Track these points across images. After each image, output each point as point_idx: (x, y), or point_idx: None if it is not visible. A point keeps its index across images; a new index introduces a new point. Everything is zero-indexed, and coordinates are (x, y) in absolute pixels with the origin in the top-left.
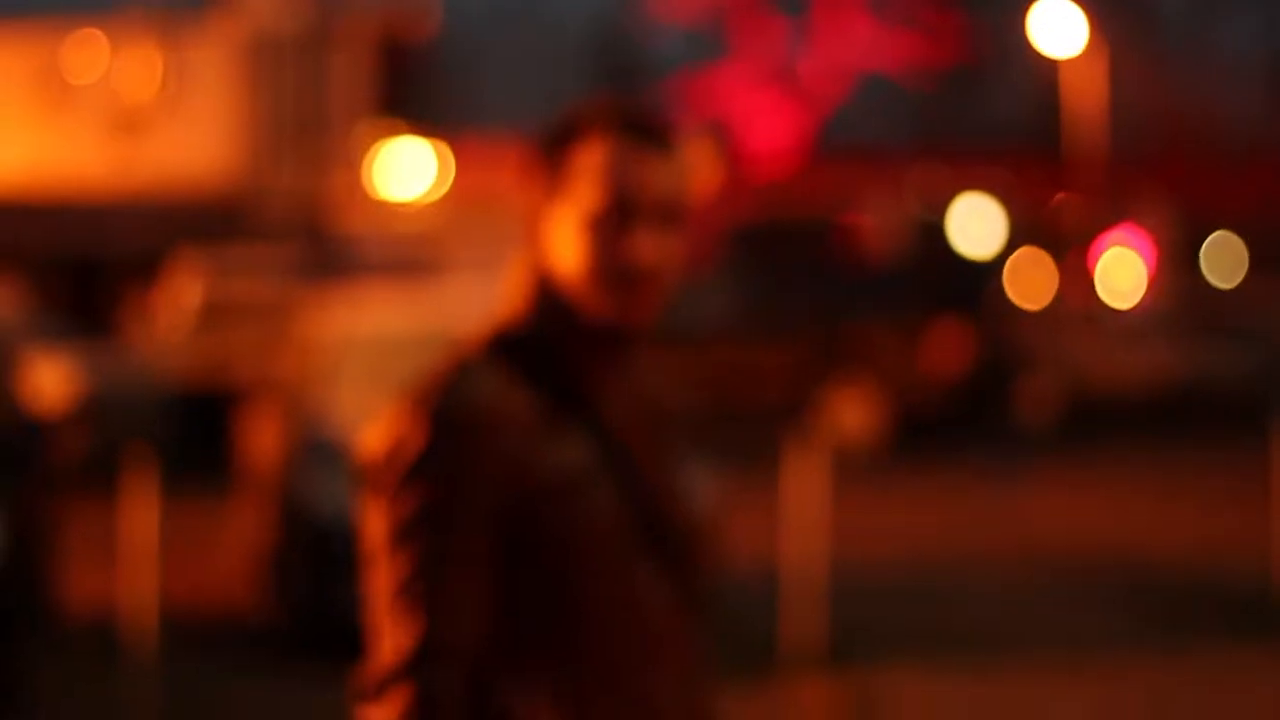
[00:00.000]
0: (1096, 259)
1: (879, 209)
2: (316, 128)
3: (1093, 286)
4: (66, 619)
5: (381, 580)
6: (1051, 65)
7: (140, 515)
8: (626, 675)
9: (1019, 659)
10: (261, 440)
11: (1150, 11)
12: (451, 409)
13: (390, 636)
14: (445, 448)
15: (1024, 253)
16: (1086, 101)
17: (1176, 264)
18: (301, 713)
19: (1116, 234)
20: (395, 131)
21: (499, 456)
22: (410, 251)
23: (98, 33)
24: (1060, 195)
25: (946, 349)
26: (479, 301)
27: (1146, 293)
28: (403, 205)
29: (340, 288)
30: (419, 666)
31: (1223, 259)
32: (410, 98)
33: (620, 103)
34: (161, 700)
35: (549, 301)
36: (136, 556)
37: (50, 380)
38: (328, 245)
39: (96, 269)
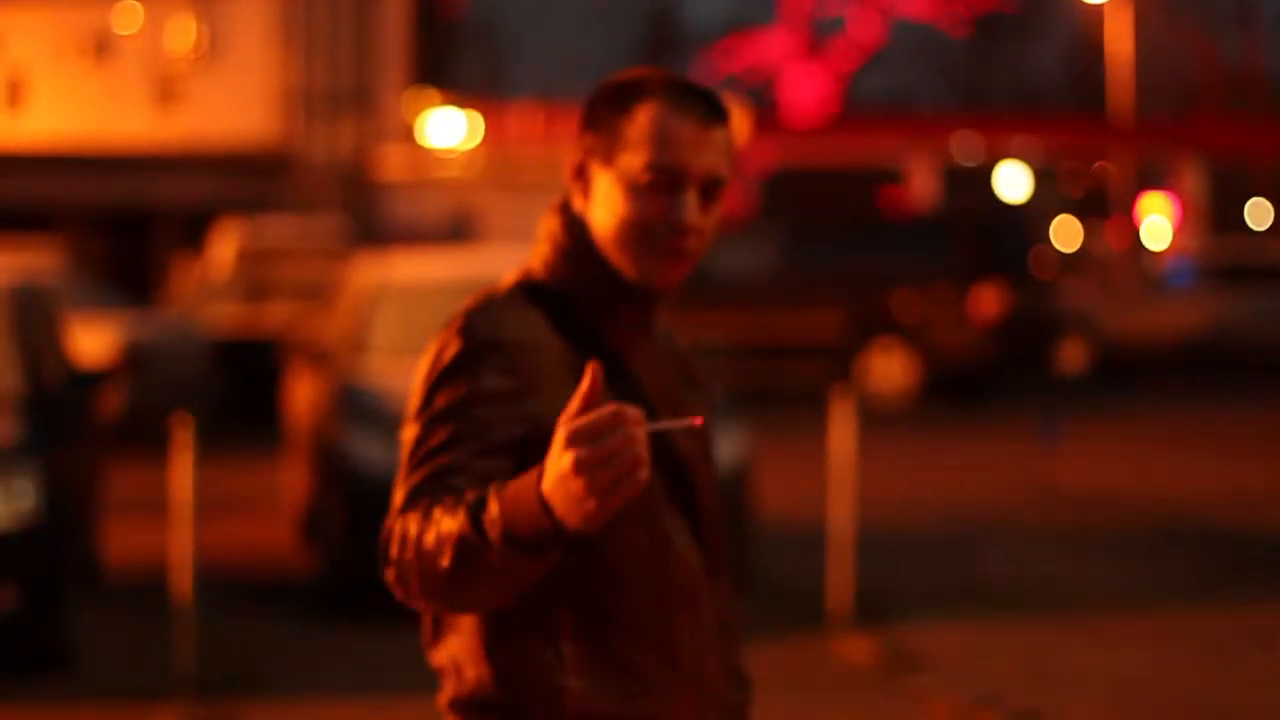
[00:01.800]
0: (1134, 218)
1: (920, 161)
2: (356, 83)
3: (1131, 244)
4: (108, 574)
5: (403, 470)
6: (1088, 18)
7: (180, 471)
8: (648, 620)
9: (1058, 611)
10: (301, 394)
11: None
12: (482, 328)
13: (398, 498)
14: (476, 357)
15: (1063, 216)
16: (1120, 56)
17: (1211, 217)
18: (339, 664)
19: (1153, 194)
20: (433, 89)
21: (528, 372)
22: (446, 215)
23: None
24: (1100, 163)
25: (986, 303)
26: (513, 259)
27: (1179, 243)
28: (441, 158)
29: (377, 251)
30: (409, 506)
31: (1256, 214)
32: (446, 54)
33: (673, 73)
34: (201, 653)
35: (584, 257)
36: (177, 512)
37: (92, 338)
38: (367, 212)
39: (138, 227)
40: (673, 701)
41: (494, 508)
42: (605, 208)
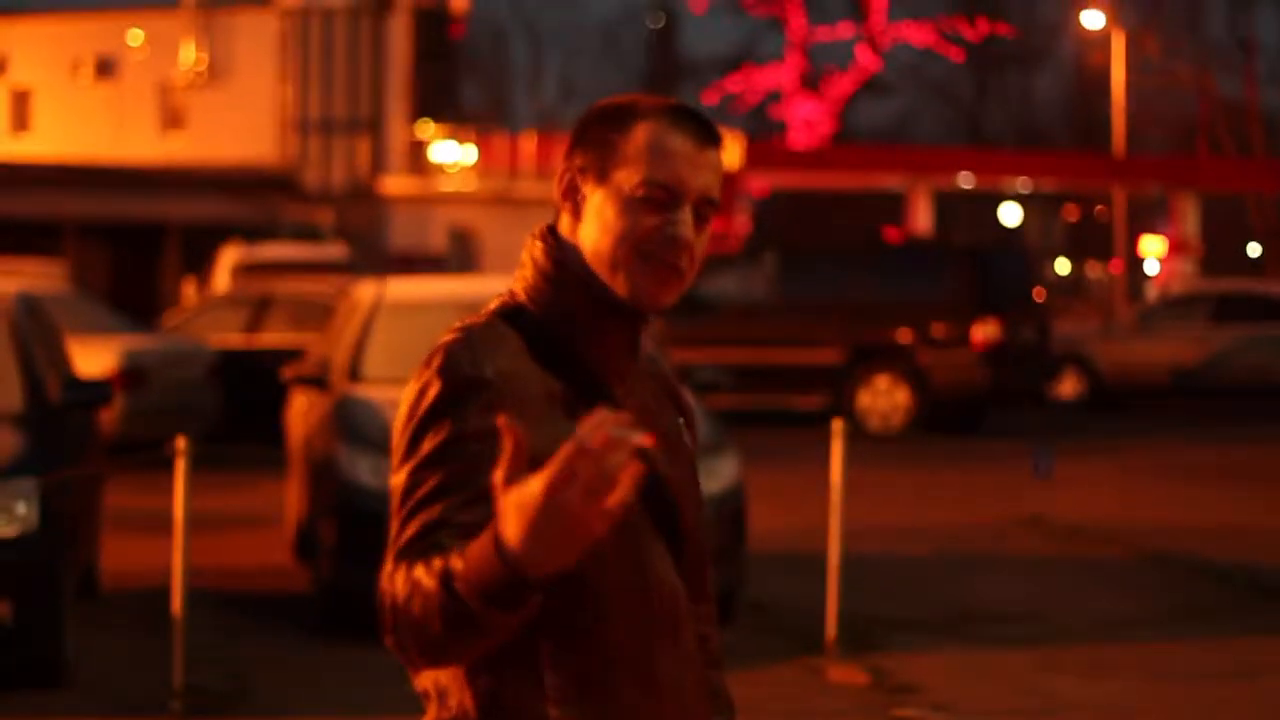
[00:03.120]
0: (1132, 253)
1: (918, 190)
2: (358, 108)
3: (1127, 278)
4: (105, 589)
5: (394, 521)
6: (1090, 53)
7: (179, 488)
8: (628, 648)
9: (1048, 640)
10: (301, 413)
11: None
12: (463, 366)
13: (387, 561)
14: (459, 397)
15: (1061, 249)
16: (1121, 92)
17: (1205, 252)
18: (332, 681)
19: (1150, 229)
20: (436, 116)
21: (512, 407)
22: (447, 240)
23: (147, 15)
24: (1099, 200)
25: (982, 333)
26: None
27: (1170, 277)
28: (442, 184)
29: (377, 273)
30: (396, 570)
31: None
32: (450, 81)
33: (668, 96)
34: (196, 669)
35: (571, 278)
36: (176, 529)
37: (92, 356)
38: (367, 234)
39: (143, 246)
40: None
41: (460, 572)
42: (597, 225)
